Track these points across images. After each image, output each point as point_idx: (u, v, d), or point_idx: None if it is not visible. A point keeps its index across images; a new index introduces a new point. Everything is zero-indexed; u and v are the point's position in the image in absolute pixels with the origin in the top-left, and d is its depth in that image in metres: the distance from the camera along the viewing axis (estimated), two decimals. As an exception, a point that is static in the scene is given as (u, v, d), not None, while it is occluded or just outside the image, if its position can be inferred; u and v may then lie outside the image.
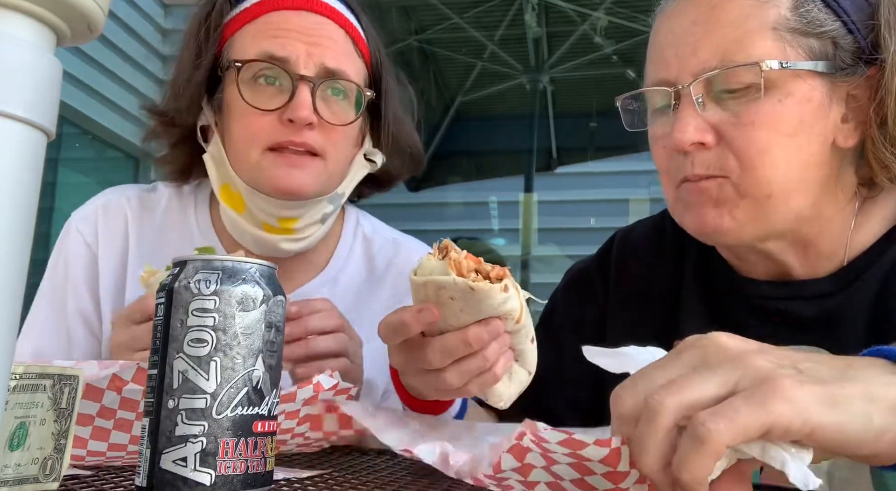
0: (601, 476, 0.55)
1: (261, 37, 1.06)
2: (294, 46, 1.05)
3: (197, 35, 1.10)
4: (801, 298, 0.90)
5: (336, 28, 1.09)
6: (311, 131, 1.04)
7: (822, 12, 0.82)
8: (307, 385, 0.78)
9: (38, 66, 0.38)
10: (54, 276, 1.15)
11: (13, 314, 0.37)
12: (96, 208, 1.17)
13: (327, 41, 1.07)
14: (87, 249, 1.14)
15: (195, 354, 0.55)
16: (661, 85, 0.87)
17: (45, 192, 0.41)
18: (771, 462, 0.47)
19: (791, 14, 0.82)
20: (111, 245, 1.14)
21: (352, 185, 1.16)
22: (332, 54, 1.06)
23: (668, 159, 0.88)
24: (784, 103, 0.81)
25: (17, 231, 0.37)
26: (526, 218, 5.54)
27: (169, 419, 0.55)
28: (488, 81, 5.49)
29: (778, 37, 0.81)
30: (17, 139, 0.36)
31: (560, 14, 4.90)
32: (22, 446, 0.57)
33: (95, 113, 4.50)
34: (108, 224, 1.15)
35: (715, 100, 0.84)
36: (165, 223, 1.17)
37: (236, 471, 0.55)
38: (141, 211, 1.17)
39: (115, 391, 0.72)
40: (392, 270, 1.23)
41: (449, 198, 5.81)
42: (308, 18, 1.07)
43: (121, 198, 1.18)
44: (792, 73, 0.81)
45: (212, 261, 0.57)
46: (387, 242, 1.26)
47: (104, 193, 1.20)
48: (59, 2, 0.38)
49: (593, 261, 1.13)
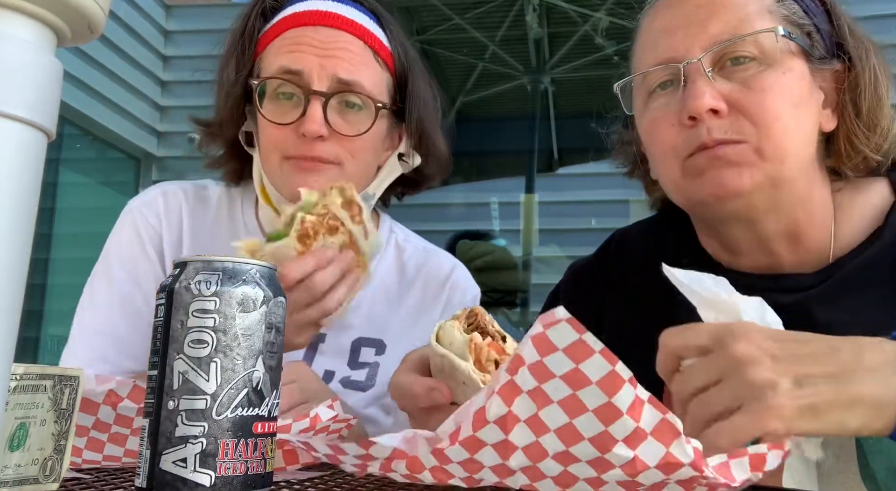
0: (596, 385, 0.52)
1: (280, 53, 1.12)
2: (307, 61, 1.09)
3: (233, 51, 1.17)
4: (791, 291, 0.92)
5: (353, 39, 1.13)
6: (323, 143, 1.09)
7: (796, 7, 0.92)
8: (304, 418, 0.76)
9: (38, 67, 0.37)
10: (119, 251, 1.18)
11: (14, 314, 0.37)
12: (156, 195, 1.23)
13: (341, 53, 1.11)
14: (153, 229, 1.19)
15: (195, 355, 0.55)
16: (668, 63, 0.90)
17: (45, 192, 0.41)
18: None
19: (777, 5, 0.91)
20: (171, 229, 1.20)
21: (383, 186, 1.21)
22: (345, 66, 1.10)
23: (675, 136, 0.90)
24: (787, 76, 0.88)
25: (17, 231, 0.37)
26: (527, 219, 5.53)
27: (169, 420, 0.54)
28: (489, 82, 5.49)
29: (774, 19, 0.90)
30: (18, 139, 0.36)
31: (561, 15, 4.90)
32: (22, 447, 0.57)
33: (96, 113, 4.51)
34: (168, 209, 1.21)
35: (723, 74, 0.89)
36: (217, 219, 1.24)
37: (236, 472, 0.55)
38: (195, 204, 1.24)
39: (111, 406, 0.71)
40: (421, 277, 1.28)
41: (450, 198, 5.81)
42: (325, 33, 1.12)
43: (177, 189, 1.24)
44: (789, 51, 0.89)
45: (212, 262, 0.57)
46: (417, 251, 1.32)
47: (161, 184, 1.27)
48: (60, 2, 0.38)
49: (593, 259, 1.16)
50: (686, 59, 0.89)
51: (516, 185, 5.66)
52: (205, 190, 1.27)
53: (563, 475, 0.56)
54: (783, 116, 0.87)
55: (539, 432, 0.55)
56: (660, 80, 0.93)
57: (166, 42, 5.15)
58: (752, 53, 0.88)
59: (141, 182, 5.03)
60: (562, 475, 0.56)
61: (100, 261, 1.20)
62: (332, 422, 0.78)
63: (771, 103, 0.86)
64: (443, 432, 0.58)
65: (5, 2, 0.36)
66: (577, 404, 0.53)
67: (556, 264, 5.40)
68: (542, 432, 0.55)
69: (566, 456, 0.55)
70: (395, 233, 1.32)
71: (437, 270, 1.29)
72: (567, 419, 0.54)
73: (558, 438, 0.55)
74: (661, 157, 0.94)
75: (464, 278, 1.31)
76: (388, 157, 1.21)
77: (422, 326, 1.23)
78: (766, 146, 0.86)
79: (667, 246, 1.06)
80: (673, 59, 0.90)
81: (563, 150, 5.86)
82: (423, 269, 1.28)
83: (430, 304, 1.26)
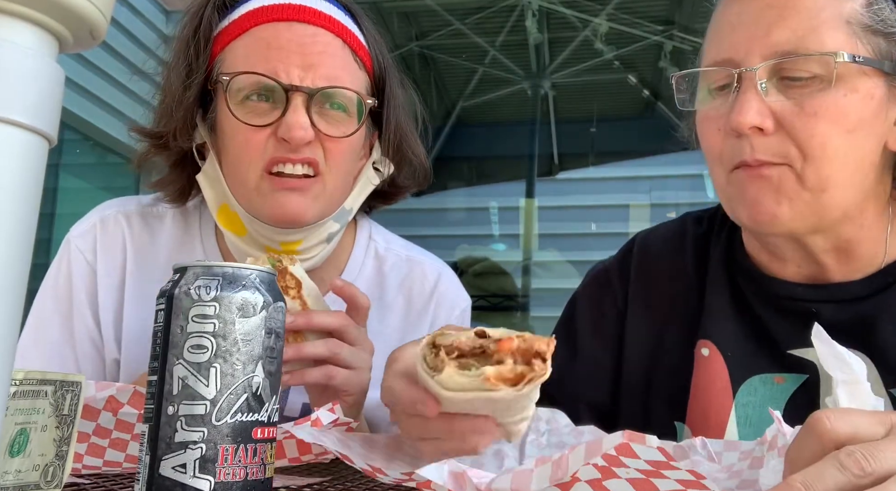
0: (676, 481, 0.51)
1: (251, 53, 1.00)
2: (286, 65, 0.99)
3: (186, 52, 1.04)
4: (834, 301, 0.89)
5: (332, 38, 1.03)
6: (308, 146, 0.99)
7: (893, 13, 0.83)
8: (306, 421, 0.75)
9: (40, 73, 0.38)
10: (56, 292, 1.11)
11: (14, 319, 0.37)
12: (94, 224, 1.13)
13: (321, 56, 1.01)
14: (87, 266, 1.11)
15: (195, 361, 0.55)
16: (725, 65, 0.86)
17: (45, 197, 0.41)
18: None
19: (864, 10, 0.82)
20: (110, 261, 1.11)
21: (360, 200, 1.11)
22: (326, 70, 1.00)
23: (721, 142, 0.87)
24: (848, 98, 0.82)
25: (18, 236, 0.37)
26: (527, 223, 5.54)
27: (168, 425, 0.54)
28: (489, 87, 5.51)
29: (851, 31, 0.82)
30: (19, 145, 0.36)
31: (561, 20, 4.91)
32: (23, 453, 0.57)
33: (96, 119, 4.51)
34: (105, 241, 1.12)
35: (778, 87, 0.84)
36: (171, 244, 1.13)
37: (235, 477, 0.54)
38: (142, 230, 1.13)
39: (112, 412, 0.71)
40: (403, 292, 1.18)
41: (450, 203, 5.81)
42: (300, 30, 1.01)
43: (118, 215, 1.14)
44: (859, 69, 0.82)
45: (212, 267, 0.57)
46: (400, 261, 1.20)
47: (101, 207, 1.16)
48: (62, 8, 0.38)
49: (614, 261, 1.12)
50: (743, 65, 0.84)
51: (516, 190, 5.67)
52: (154, 208, 1.14)
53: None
54: (832, 143, 0.81)
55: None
56: (718, 81, 0.89)
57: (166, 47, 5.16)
58: (810, 72, 0.81)
59: (141, 187, 5.04)
60: None
61: (41, 286, 1.13)
62: (332, 426, 0.78)
63: (820, 130, 0.81)
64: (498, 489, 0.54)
65: (7, 8, 0.36)
66: (647, 485, 0.52)
67: (556, 269, 5.41)
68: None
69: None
70: (374, 241, 1.21)
71: (421, 282, 1.18)
72: (632, 490, 0.52)
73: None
74: (710, 160, 0.91)
75: (452, 290, 1.20)
76: (362, 167, 1.11)
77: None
78: (809, 174, 0.82)
79: (708, 246, 1.02)
80: (731, 61, 0.85)
81: (562, 155, 5.87)
82: (405, 282, 1.18)
83: (415, 321, 1.16)
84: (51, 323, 1.10)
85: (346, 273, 1.16)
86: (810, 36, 0.82)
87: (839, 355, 0.59)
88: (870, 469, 0.50)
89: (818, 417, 0.53)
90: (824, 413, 0.54)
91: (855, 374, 0.58)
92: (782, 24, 0.83)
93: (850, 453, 0.50)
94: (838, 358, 0.59)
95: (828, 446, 0.52)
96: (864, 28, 0.82)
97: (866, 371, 0.59)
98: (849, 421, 0.53)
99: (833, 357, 0.59)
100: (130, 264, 1.11)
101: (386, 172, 1.14)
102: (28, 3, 0.37)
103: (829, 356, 0.59)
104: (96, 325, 1.11)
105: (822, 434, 0.53)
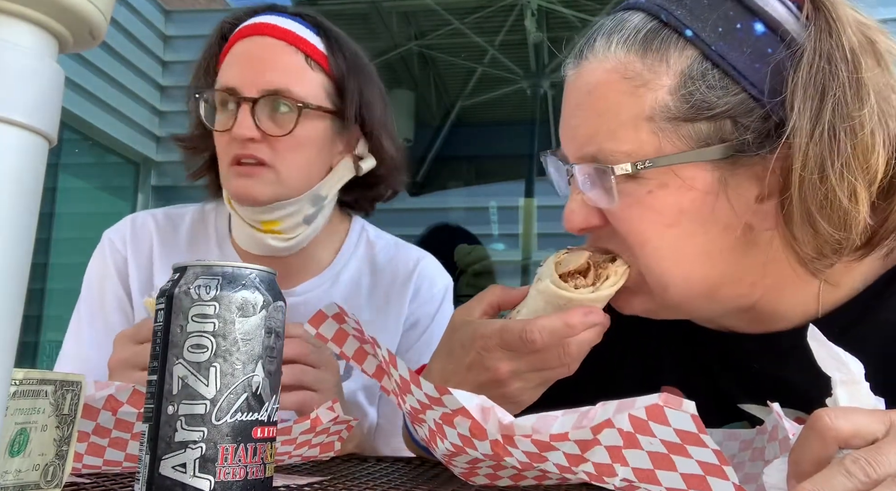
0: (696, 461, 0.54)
1: (224, 68, 1.21)
2: (239, 71, 1.18)
3: (201, 69, 1.27)
4: (779, 348, 0.83)
5: (284, 46, 1.19)
6: (255, 144, 1.16)
7: (715, 89, 0.73)
8: (305, 420, 0.76)
9: (40, 73, 0.38)
10: (91, 291, 1.28)
11: (14, 319, 0.37)
12: (125, 222, 1.33)
13: (270, 63, 1.18)
14: (119, 255, 1.29)
15: (195, 360, 0.55)
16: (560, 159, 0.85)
17: (45, 197, 0.41)
18: None
19: (672, 99, 0.73)
20: (138, 253, 1.29)
21: (336, 187, 1.25)
22: (272, 74, 1.17)
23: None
24: (655, 194, 0.75)
25: (18, 236, 0.37)
26: (526, 223, 5.53)
27: (168, 425, 0.54)
28: (489, 86, 5.50)
29: (654, 128, 0.74)
30: (19, 145, 0.37)
31: (560, 19, 4.90)
32: (23, 452, 0.57)
33: (96, 118, 4.51)
34: (136, 234, 1.30)
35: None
36: (191, 238, 1.32)
37: (235, 477, 0.55)
38: (166, 229, 1.32)
39: (111, 412, 0.71)
40: (389, 269, 1.34)
41: (449, 203, 5.81)
42: (257, 42, 1.20)
43: (147, 217, 1.34)
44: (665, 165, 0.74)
45: (212, 266, 0.57)
46: (388, 245, 1.38)
47: (133, 214, 1.37)
48: (62, 9, 0.38)
49: None
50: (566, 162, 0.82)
51: (516, 190, 5.66)
52: (177, 214, 1.35)
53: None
54: (651, 241, 0.76)
55: (616, 460, 0.56)
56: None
57: (165, 47, 5.16)
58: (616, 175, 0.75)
59: (140, 187, 5.04)
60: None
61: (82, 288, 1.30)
62: (332, 423, 0.78)
63: (635, 229, 0.76)
64: (518, 427, 0.59)
65: (7, 8, 0.36)
66: (667, 461, 0.54)
67: (556, 268, 5.39)
68: (621, 462, 0.56)
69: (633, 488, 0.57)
70: (366, 231, 1.39)
71: (405, 261, 1.35)
72: (650, 466, 0.55)
73: (634, 474, 0.56)
74: None
75: (432, 268, 1.37)
76: (340, 160, 1.25)
77: (392, 315, 1.30)
78: (646, 272, 0.77)
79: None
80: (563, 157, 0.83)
81: (562, 155, 5.85)
82: (392, 261, 1.35)
83: (399, 292, 1.32)
84: (86, 319, 1.27)
85: (341, 253, 1.34)
86: (608, 140, 0.76)
87: (836, 356, 0.59)
88: (875, 475, 0.51)
89: (820, 415, 0.55)
90: (826, 412, 0.55)
91: (853, 374, 0.59)
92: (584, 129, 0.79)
93: (856, 460, 0.51)
94: (835, 358, 0.59)
95: (830, 444, 0.54)
96: (673, 120, 0.73)
97: (864, 371, 0.59)
98: (850, 419, 0.54)
99: (830, 358, 0.59)
100: (157, 257, 1.28)
101: (366, 166, 1.27)
102: (28, 3, 0.37)
103: (827, 357, 0.60)
104: (131, 309, 1.27)
105: (825, 432, 0.54)
